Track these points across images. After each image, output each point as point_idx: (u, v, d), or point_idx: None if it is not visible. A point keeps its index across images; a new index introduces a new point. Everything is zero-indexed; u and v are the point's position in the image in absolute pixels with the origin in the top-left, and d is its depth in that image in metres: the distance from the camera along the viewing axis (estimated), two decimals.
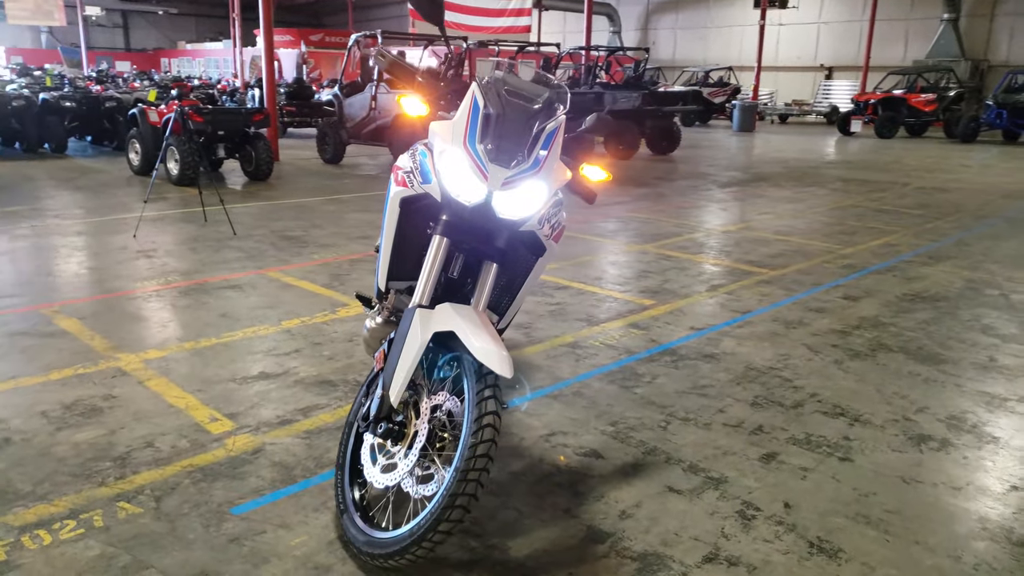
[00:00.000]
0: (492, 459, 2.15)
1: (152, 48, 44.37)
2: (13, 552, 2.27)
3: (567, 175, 2.53)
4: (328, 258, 6.10)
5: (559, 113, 2.48)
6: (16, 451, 2.86)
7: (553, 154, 2.42)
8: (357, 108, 11.90)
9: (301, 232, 7.07)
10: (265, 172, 10.05)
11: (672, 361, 4.05)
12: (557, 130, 2.45)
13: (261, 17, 12.14)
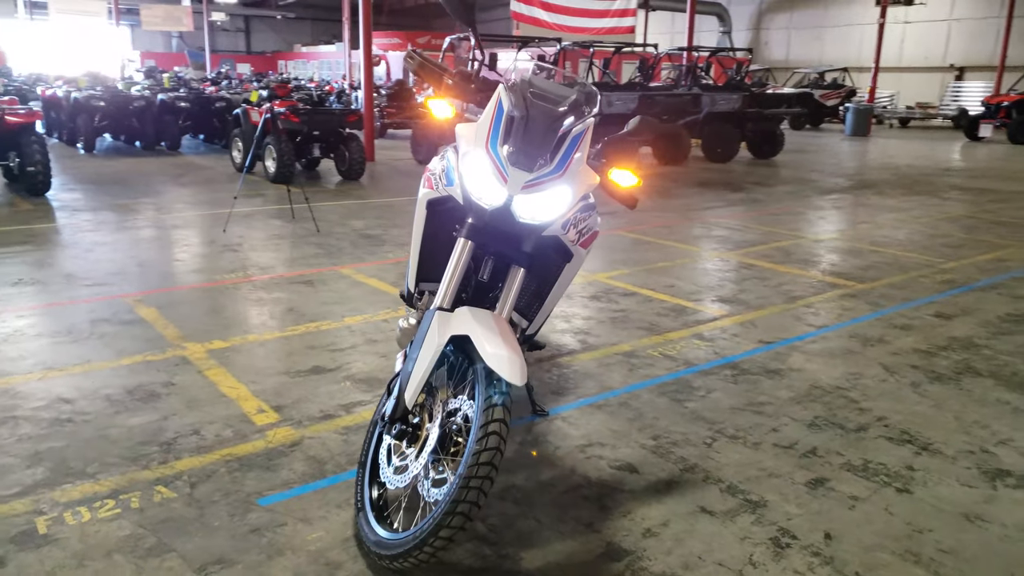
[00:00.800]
0: (496, 467, 2.11)
1: (271, 51, 46.49)
2: (53, 526, 2.41)
3: (595, 180, 2.46)
4: (402, 257, 6.20)
5: (587, 116, 2.42)
6: (76, 431, 3.04)
7: (578, 158, 2.36)
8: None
9: (381, 231, 7.22)
10: (357, 172, 10.33)
11: (732, 375, 3.88)
12: (583, 133, 2.39)
13: (361, 21, 12.49)
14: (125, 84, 14.23)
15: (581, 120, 2.40)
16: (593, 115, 2.48)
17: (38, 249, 6.11)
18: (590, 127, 2.44)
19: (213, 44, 44.91)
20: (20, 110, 7.90)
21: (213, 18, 40.88)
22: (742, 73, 15.64)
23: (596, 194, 2.84)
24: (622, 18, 25.40)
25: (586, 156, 2.45)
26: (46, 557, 2.26)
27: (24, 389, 3.41)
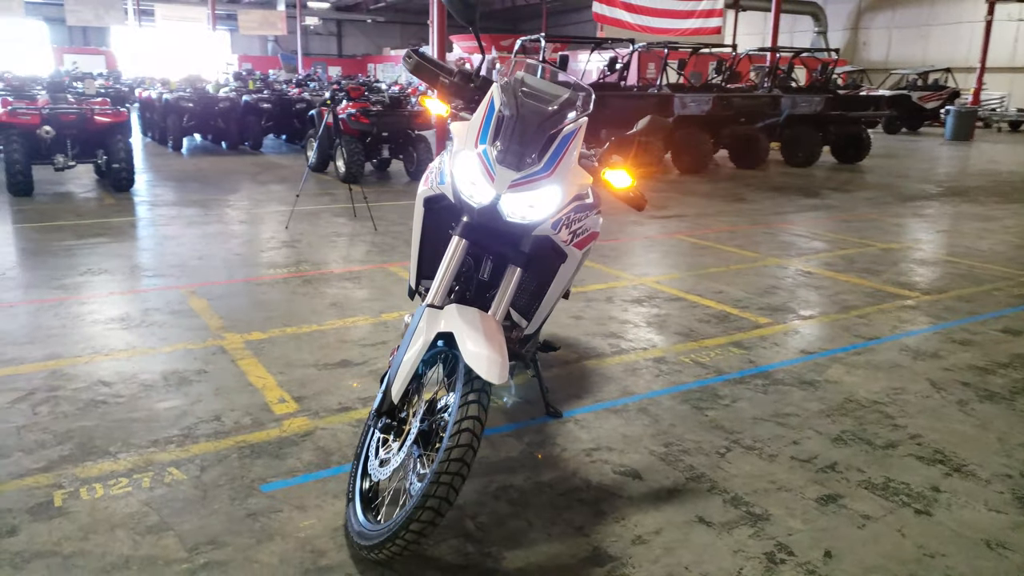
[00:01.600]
0: (467, 464, 2.12)
1: (361, 54, 47.79)
2: (68, 500, 2.56)
3: (587, 180, 2.44)
4: None
5: (579, 116, 2.40)
6: (107, 412, 3.21)
7: (568, 158, 2.35)
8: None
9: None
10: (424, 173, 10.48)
11: (763, 385, 3.77)
12: (575, 133, 2.38)
13: (435, 24, 12.69)
14: (215, 86, 14.90)
15: (572, 120, 2.39)
16: (586, 115, 2.46)
17: (112, 241, 6.48)
18: (582, 127, 2.43)
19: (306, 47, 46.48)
20: (108, 111, 8.39)
21: (307, 22, 42.31)
22: (827, 74, 15.07)
23: (606, 197, 2.81)
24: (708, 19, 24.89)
25: (578, 156, 2.43)
26: (55, 528, 2.40)
27: (71, 371, 3.63)
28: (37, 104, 8.27)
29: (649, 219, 8.31)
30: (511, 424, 3.26)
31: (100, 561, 2.25)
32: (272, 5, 38.60)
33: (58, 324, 4.28)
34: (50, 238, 6.54)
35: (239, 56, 42.04)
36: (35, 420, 3.11)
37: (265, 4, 38.94)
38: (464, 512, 2.59)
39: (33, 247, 6.23)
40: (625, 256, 6.48)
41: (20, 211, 7.75)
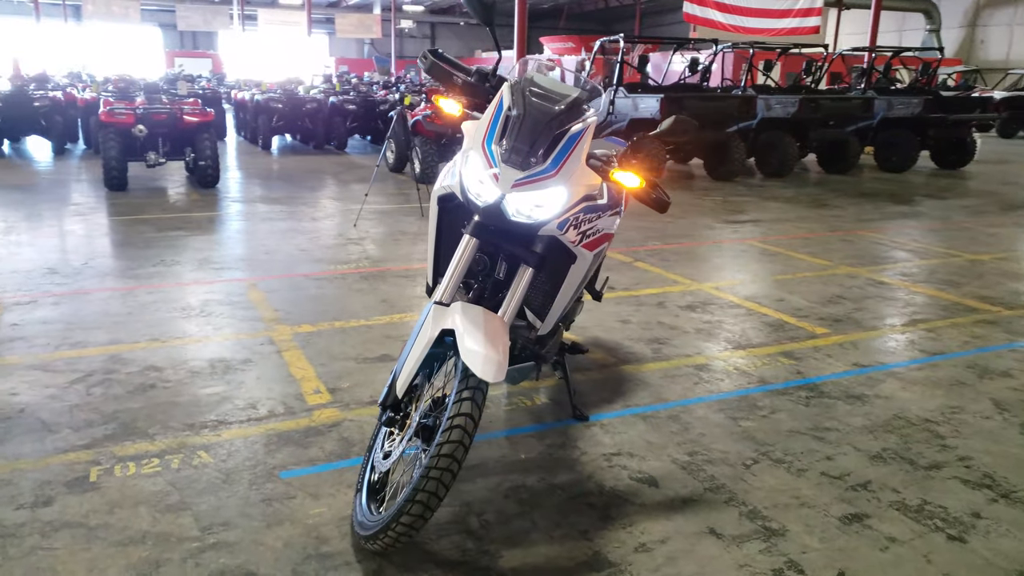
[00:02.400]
0: (458, 461, 2.14)
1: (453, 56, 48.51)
2: (103, 476, 2.72)
3: (595, 181, 2.42)
4: None
5: (588, 115, 2.39)
6: (154, 395, 3.39)
7: (574, 158, 2.33)
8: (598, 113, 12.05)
9: None
10: None
11: (807, 397, 3.63)
12: (582, 133, 2.36)
13: (516, 25, 12.78)
14: (305, 88, 15.43)
15: (580, 119, 2.38)
16: (592, 117, 2.44)
17: (188, 235, 6.82)
18: (590, 127, 2.41)
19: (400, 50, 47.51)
20: (196, 111, 8.83)
21: (401, 25, 43.32)
22: (929, 75, 14.31)
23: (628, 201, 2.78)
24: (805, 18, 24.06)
25: (585, 156, 2.41)
26: (86, 502, 2.55)
27: (128, 356, 3.84)
28: (133, 105, 8.79)
29: (721, 223, 8.12)
30: (535, 425, 3.25)
31: (120, 535, 2.38)
32: (368, 9, 39.70)
33: (124, 311, 4.54)
34: (134, 230, 6.93)
35: (336, 59, 43.41)
36: (88, 400, 3.32)
37: (362, 8, 40.08)
38: (471, 509, 2.60)
39: (118, 238, 6.62)
40: (687, 260, 6.35)
41: (113, 204, 8.25)
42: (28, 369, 3.63)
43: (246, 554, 2.32)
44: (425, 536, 2.44)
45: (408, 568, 2.29)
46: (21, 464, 2.78)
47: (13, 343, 3.97)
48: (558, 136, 2.34)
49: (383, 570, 2.28)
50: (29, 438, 2.97)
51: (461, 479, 2.79)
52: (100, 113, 8.56)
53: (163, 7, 36.01)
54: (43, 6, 30.37)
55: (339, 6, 40.99)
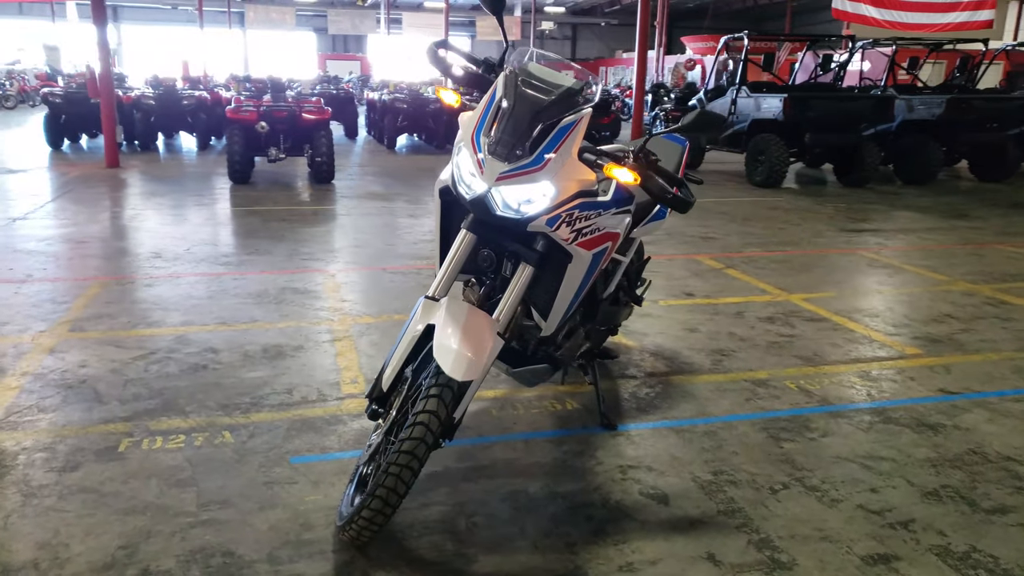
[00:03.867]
0: (418, 457, 2.11)
1: (594, 57, 48.30)
2: (130, 448, 2.88)
3: (588, 176, 2.30)
4: None
5: (580, 107, 2.28)
6: (202, 376, 3.56)
7: (563, 151, 2.23)
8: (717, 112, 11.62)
9: None
10: None
11: (869, 422, 3.32)
12: (573, 126, 2.26)
13: (637, 25, 12.54)
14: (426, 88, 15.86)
15: (572, 111, 2.27)
16: (589, 107, 2.32)
17: (289, 226, 7.15)
18: (582, 119, 2.30)
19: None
20: (314, 110, 9.26)
21: (542, 27, 43.64)
22: None
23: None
24: (977, 11, 22.12)
25: (576, 149, 2.30)
26: (108, 470, 2.71)
27: (193, 337, 4.07)
28: (258, 103, 9.34)
29: (835, 232, 7.60)
30: (557, 430, 3.16)
31: (125, 504, 2.51)
32: (510, 11, 40.25)
33: (206, 295, 4.82)
34: (242, 220, 7.35)
35: None
36: (142, 376, 3.53)
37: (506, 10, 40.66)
38: (464, 509, 2.56)
39: (224, 227, 7.05)
40: (784, 269, 5.98)
41: (233, 196, 8.79)
42: (103, 344, 3.92)
43: (231, 533, 2.38)
44: (408, 532, 2.42)
45: (379, 563, 2.27)
46: (65, 431, 2.99)
47: (100, 319, 4.30)
48: (548, 128, 2.25)
49: (354, 562, 2.27)
50: (80, 407, 3.20)
51: (464, 479, 2.75)
52: (227, 110, 9.16)
53: (317, 12, 38.12)
54: (209, 14, 32.90)
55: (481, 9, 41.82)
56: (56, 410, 3.16)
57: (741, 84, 11.21)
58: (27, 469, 2.70)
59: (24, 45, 33.70)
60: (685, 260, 6.18)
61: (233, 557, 2.27)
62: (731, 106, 11.23)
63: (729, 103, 11.27)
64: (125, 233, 6.66)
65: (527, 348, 2.77)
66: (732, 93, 11.27)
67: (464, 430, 3.10)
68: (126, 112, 12.51)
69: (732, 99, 11.23)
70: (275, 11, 32.15)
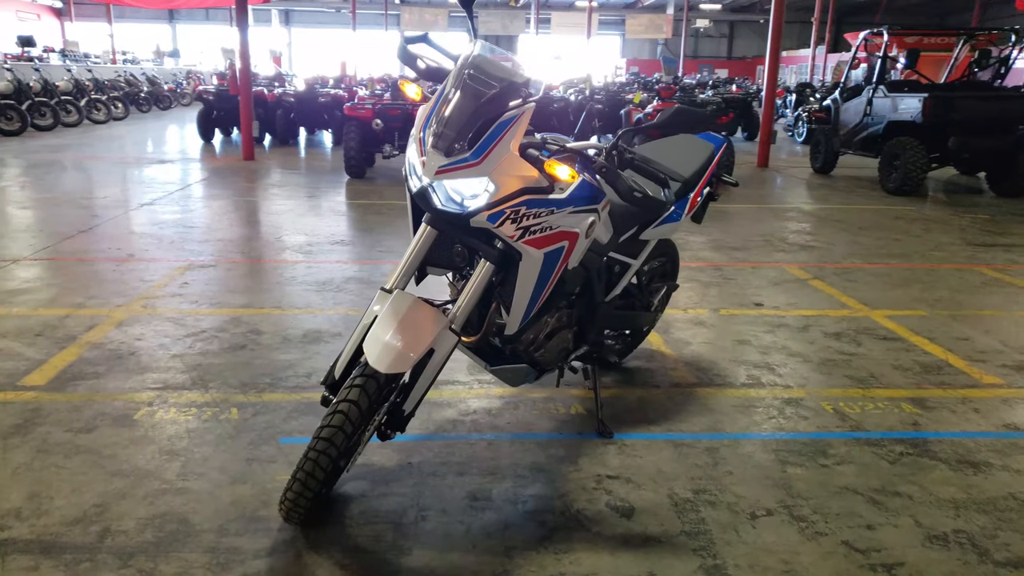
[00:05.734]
0: (335, 444, 2.16)
1: (752, 56, 46.51)
2: (144, 417, 3.11)
3: (530, 172, 2.25)
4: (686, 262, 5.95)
5: (523, 102, 2.23)
6: (238, 355, 3.79)
7: (502, 146, 2.19)
8: (852, 114, 10.86)
9: (682, 234, 7.01)
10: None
11: (900, 453, 3.03)
12: (513, 120, 2.22)
13: (771, 22, 11.96)
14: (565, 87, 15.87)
15: (512, 106, 2.22)
16: (530, 102, 2.26)
17: (383, 220, 7.40)
18: (524, 114, 2.24)
19: (695, 50, 46.69)
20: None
21: (697, 25, 42.53)
22: None
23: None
24: None
25: (515, 144, 2.24)
26: (117, 435, 2.95)
27: (246, 319, 4.33)
28: (377, 101, 9.74)
29: (961, 245, 6.92)
30: (549, 433, 3.10)
31: (116, 466, 2.73)
32: (662, 9, 39.53)
33: (273, 281, 5.10)
34: (342, 213, 7.70)
35: (627, 60, 43.93)
36: (185, 352, 3.81)
37: (656, 8, 40.00)
38: (419, 503, 2.57)
39: (322, 218, 7.41)
40: (878, 283, 5.52)
41: (347, 189, 9.23)
42: (164, 320, 4.25)
43: (195, 503, 2.52)
44: (357, 519, 2.47)
45: (315, 545, 2.33)
46: (97, 396, 3.28)
47: (171, 298, 4.67)
48: (488, 122, 2.22)
49: (294, 541, 2.35)
50: (120, 376, 3.49)
51: (434, 473, 2.76)
52: (344, 107, 9.63)
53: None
54: (369, 16, 34.62)
55: (635, 7, 41.33)
56: (98, 377, 3.48)
57: (879, 83, 10.42)
58: (51, 427, 2.99)
59: (207, 48, 36.93)
60: (769, 268, 5.86)
61: (186, 525, 2.41)
62: (866, 106, 10.46)
63: (865, 103, 10.51)
64: (229, 220, 7.17)
65: (505, 347, 2.75)
66: (868, 92, 10.50)
67: (455, 425, 3.12)
68: (270, 109, 13.43)
69: (868, 99, 10.47)
70: (428, 13, 33.36)
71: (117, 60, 28.73)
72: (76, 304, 4.48)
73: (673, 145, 3.55)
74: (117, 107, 17.54)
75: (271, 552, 2.30)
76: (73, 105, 15.38)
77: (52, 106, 14.58)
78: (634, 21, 35.47)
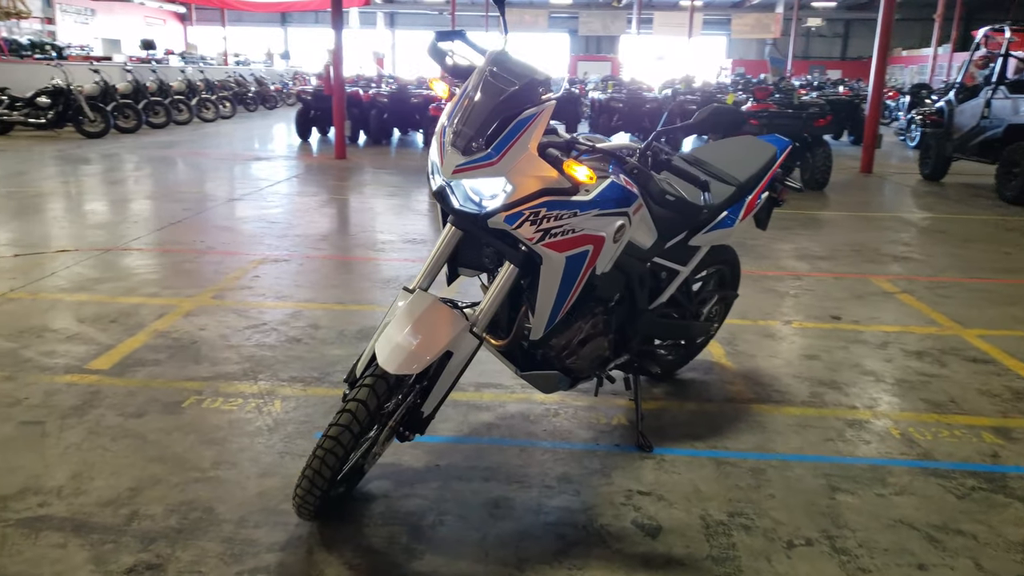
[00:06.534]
0: (342, 444, 2.15)
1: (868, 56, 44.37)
2: (192, 406, 3.20)
3: (548, 173, 2.17)
4: (765, 271, 5.72)
5: (544, 100, 2.15)
6: (292, 348, 3.86)
7: (519, 145, 2.13)
8: (968, 117, 10.14)
9: (766, 241, 6.71)
10: (819, 181, 9.58)
11: (970, 487, 2.77)
12: (532, 119, 2.14)
13: (880, 19, 11.35)
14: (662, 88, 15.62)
15: (534, 104, 2.15)
16: (552, 100, 2.18)
17: None
18: (543, 113, 2.16)
19: (807, 50, 44.95)
20: None
21: (808, 24, 40.94)
22: None
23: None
24: None
25: (534, 144, 2.16)
26: (163, 422, 3.05)
27: (306, 313, 4.41)
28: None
29: None
30: (587, 444, 3.00)
31: (157, 452, 2.81)
32: (771, 8, 38.23)
33: (341, 278, 5.19)
34: (421, 212, 7.77)
35: (732, 60, 42.71)
36: (243, 343, 3.91)
37: (764, 7, 38.72)
38: (439, 507, 2.54)
39: (400, 216, 7.50)
40: (976, 300, 5.11)
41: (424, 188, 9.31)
42: (229, 312, 4.39)
43: (222, 492, 2.57)
44: (374, 518, 2.46)
45: (328, 542, 2.33)
46: (153, 383, 3.41)
47: (241, 290, 4.82)
48: (507, 120, 2.15)
49: (310, 537, 2.36)
50: (178, 364, 3.62)
51: (460, 477, 2.72)
52: (430, 108, 9.73)
53: (570, 14, 39.02)
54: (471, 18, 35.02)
55: (742, 6, 40.16)
56: (157, 364, 3.61)
57: (999, 83, 9.69)
58: (105, 411, 3.13)
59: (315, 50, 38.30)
60: (855, 280, 5.52)
61: (210, 514, 2.45)
62: (984, 108, 9.75)
63: (982, 105, 9.80)
64: (310, 217, 7.36)
65: (536, 353, 2.68)
66: (986, 93, 9.78)
67: (490, 429, 3.07)
68: (364, 109, 13.77)
69: (986, 100, 9.75)
70: (528, 14, 33.45)
71: (229, 61, 30.20)
72: (151, 293, 4.69)
73: (733, 147, 3.38)
74: (225, 106, 18.41)
75: (285, 547, 2.31)
76: (185, 104, 16.25)
77: (165, 105, 15.44)
78: (740, 21, 34.45)
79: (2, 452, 2.78)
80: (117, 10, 33.01)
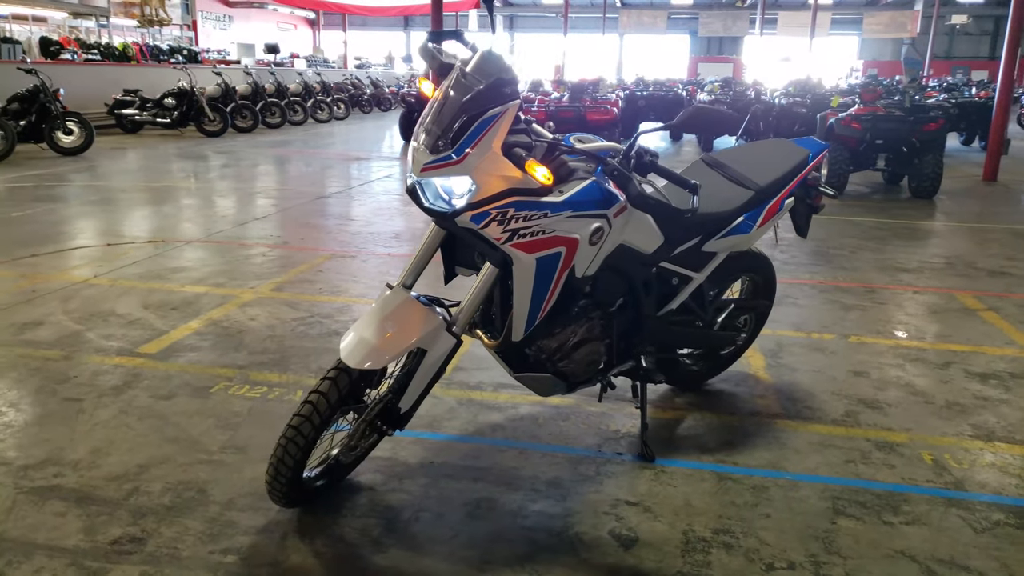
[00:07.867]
0: (303, 434, 2.22)
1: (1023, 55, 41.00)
2: (219, 392, 3.37)
3: (513, 173, 2.15)
4: (835, 281, 5.45)
5: (509, 100, 2.14)
6: (329, 341, 3.99)
7: (483, 144, 2.12)
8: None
9: (850, 251, 6.35)
10: (927, 190, 8.97)
11: (996, 520, 2.55)
12: (496, 118, 2.13)
13: (1010, 15, 10.50)
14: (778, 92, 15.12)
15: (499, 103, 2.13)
16: (517, 100, 2.16)
17: None
18: (506, 112, 2.14)
19: (950, 49, 42.14)
20: (601, 110, 9.47)
21: (952, 21, 38.34)
22: None
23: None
24: None
25: (498, 143, 2.15)
26: (188, 405, 3.23)
27: (354, 307, 4.55)
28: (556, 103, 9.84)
29: None
30: (587, 449, 2.96)
31: (175, 432, 2.99)
32: (909, 5, 36.04)
33: (381, 273, 5.31)
34: None
35: (864, 62, 40.56)
36: (285, 334, 4.08)
37: (902, 4, 36.53)
38: (419, 504, 2.57)
39: None
40: None
41: None
42: (282, 304, 4.59)
43: (220, 475, 2.70)
44: (352, 510, 2.52)
45: (301, 530, 2.41)
46: (191, 368, 3.62)
47: (300, 284, 5.03)
48: (470, 120, 2.15)
49: (289, 523, 2.44)
50: (218, 351, 3.83)
51: (449, 475, 2.75)
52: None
53: (690, 15, 38.19)
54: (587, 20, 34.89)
55: (876, 4, 38.05)
56: (201, 351, 3.83)
57: None
58: (139, 392, 3.35)
59: None
60: (935, 294, 5.15)
61: (202, 495, 2.58)
62: None
63: None
64: (388, 215, 7.57)
65: (530, 355, 2.67)
66: None
67: (495, 429, 3.08)
68: None
69: None
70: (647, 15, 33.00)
71: (349, 65, 31.47)
72: (217, 284, 4.97)
73: (762, 150, 3.24)
74: (339, 108, 19.20)
75: (261, 531, 2.40)
76: (300, 106, 17.07)
77: (281, 106, 16.28)
78: (872, 20, 32.64)
79: (39, 425, 3.03)
80: (253, 16, 35.08)
